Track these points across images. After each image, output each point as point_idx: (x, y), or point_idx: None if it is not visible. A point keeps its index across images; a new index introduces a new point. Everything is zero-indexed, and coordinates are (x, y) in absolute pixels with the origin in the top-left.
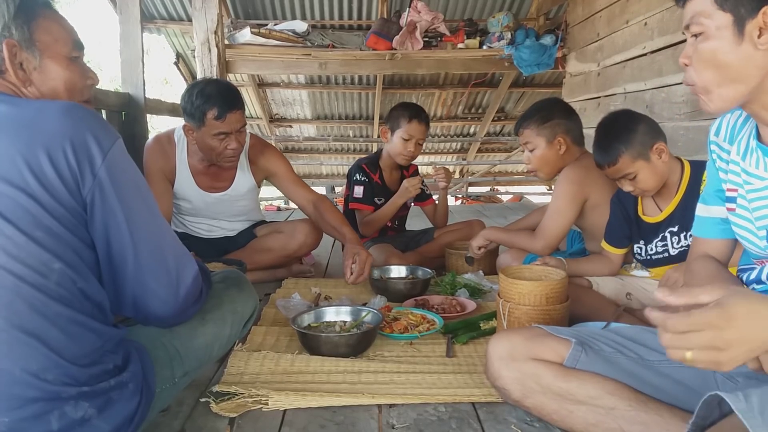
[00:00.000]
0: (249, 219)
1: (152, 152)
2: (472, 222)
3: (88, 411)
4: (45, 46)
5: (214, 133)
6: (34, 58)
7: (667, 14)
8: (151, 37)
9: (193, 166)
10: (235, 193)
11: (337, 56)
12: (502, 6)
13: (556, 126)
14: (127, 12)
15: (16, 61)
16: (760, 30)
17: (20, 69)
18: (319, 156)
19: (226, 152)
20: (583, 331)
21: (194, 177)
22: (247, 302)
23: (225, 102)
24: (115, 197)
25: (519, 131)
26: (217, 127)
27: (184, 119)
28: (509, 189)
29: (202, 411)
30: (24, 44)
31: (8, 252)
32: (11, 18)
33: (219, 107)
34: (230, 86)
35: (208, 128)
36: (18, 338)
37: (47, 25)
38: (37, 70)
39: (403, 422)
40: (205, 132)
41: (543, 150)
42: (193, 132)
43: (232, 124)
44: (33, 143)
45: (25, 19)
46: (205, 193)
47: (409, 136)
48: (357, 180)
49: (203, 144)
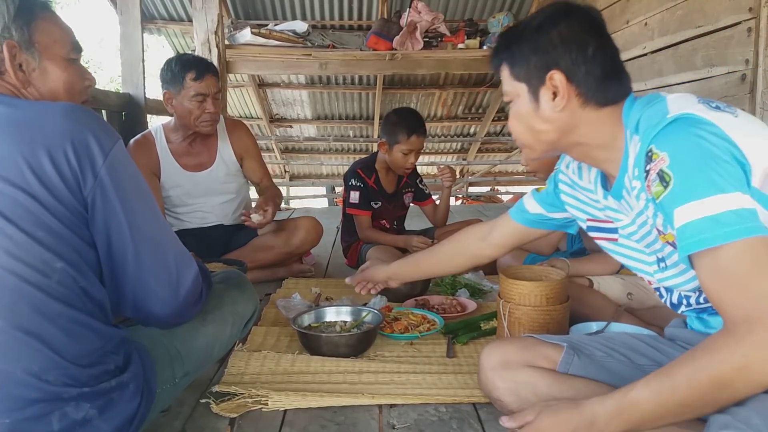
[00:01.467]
0: (240, 205)
1: (134, 152)
2: (472, 222)
3: (89, 412)
4: (44, 47)
5: (192, 95)
6: (34, 59)
7: (668, 14)
8: (149, 37)
9: (174, 151)
10: (221, 166)
11: (338, 56)
12: (503, 6)
13: None
14: (127, 12)
15: (16, 62)
16: (553, 94)
17: (20, 70)
18: (319, 156)
19: (203, 116)
20: (574, 337)
21: (177, 160)
22: (247, 302)
23: (201, 65)
24: (116, 198)
25: None
26: (195, 88)
27: (163, 89)
28: (509, 189)
29: (202, 411)
30: (24, 46)
31: (10, 252)
32: (11, 19)
33: (197, 69)
34: (203, 58)
35: (186, 90)
36: (19, 339)
37: (46, 27)
38: (36, 71)
39: (404, 422)
40: (184, 95)
41: None
42: (172, 99)
43: (209, 87)
44: (34, 143)
45: (25, 21)
46: (192, 173)
47: (410, 150)
48: (352, 185)
49: (182, 109)
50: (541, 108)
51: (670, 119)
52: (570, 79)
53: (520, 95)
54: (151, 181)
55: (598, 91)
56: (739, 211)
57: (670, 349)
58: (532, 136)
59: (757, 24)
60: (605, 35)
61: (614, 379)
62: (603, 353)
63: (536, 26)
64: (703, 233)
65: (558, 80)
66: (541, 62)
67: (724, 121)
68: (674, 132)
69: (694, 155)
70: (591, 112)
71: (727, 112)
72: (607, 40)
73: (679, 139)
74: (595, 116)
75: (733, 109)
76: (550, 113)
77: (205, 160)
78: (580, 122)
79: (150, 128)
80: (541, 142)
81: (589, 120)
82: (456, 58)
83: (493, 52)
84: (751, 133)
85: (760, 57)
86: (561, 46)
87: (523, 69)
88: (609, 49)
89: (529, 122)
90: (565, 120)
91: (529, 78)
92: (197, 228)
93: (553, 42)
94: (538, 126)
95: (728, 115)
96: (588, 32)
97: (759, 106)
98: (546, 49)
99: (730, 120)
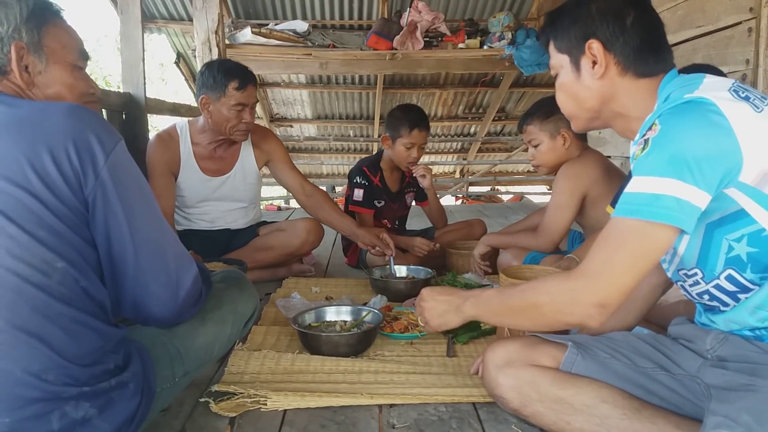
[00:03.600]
0: (250, 211)
1: (155, 148)
2: (473, 222)
3: (89, 411)
4: (52, 51)
5: (233, 104)
6: (41, 62)
7: (668, 14)
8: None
9: (197, 153)
10: (240, 173)
11: (338, 56)
12: (503, 6)
13: (559, 121)
14: (127, 12)
15: (22, 63)
16: (592, 63)
17: (25, 71)
18: (319, 156)
19: (240, 125)
20: (578, 337)
21: (199, 163)
22: (247, 302)
23: (245, 75)
24: (117, 198)
25: (523, 128)
26: (237, 97)
27: (201, 93)
28: (510, 189)
29: (202, 411)
30: (32, 48)
31: (11, 252)
32: (23, 21)
33: (240, 79)
34: (245, 66)
35: (227, 98)
36: (19, 338)
37: (56, 33)
38: (42, 74)
39: (404, 422)
40: (224, 102)
41: (547, 144)
42: (209, 105)
43: (250, 97)
44: (36, 142)
45: (36, 24)
46: (210, 177)
47: (412, 144)
48: (357, 183)
49: (219, 116)
50: (582, 76)
51: (686, 99)
52: (608, 48)
53: (564, 66)
54: (167, 180)
55: (636, 61)
56: (679, 200)
57: (673, 348)
58: (575, 104)
59: (757, 24)
60: (647, 8)
61: (617, 380)
62: (607, 354)
63: (577, 1)
64: (631, 203)
65: (596, 49)
66: (580, 33)
67: (739, 113)
68: (680, 112)
69: (679, 136)
70: (629, 82)
71: (752, 104)
72: (649, 12)
73: (678, 119)
74: (634, 86)
75: (764, 101)
76: (590, 81)
77: (225, 166)
78: (619, 91)
79: (176, 124)
80: (584, 110)
81: (628, 90)
82: (456, 57)
83: (540, 30)
84: (763, 130)
85: (760, 57)
86: (599, 17)
87: (564, 41)
88: (650, 21)
89: (572, 91)
90: (605, 88)
91: (570, 49)
92: (203, 230)
93: (592, 14)
94: (580, 94)
95: (750, 107)
96: (628, 2)
97: None
98: (585, 20)
99: (748, 112)
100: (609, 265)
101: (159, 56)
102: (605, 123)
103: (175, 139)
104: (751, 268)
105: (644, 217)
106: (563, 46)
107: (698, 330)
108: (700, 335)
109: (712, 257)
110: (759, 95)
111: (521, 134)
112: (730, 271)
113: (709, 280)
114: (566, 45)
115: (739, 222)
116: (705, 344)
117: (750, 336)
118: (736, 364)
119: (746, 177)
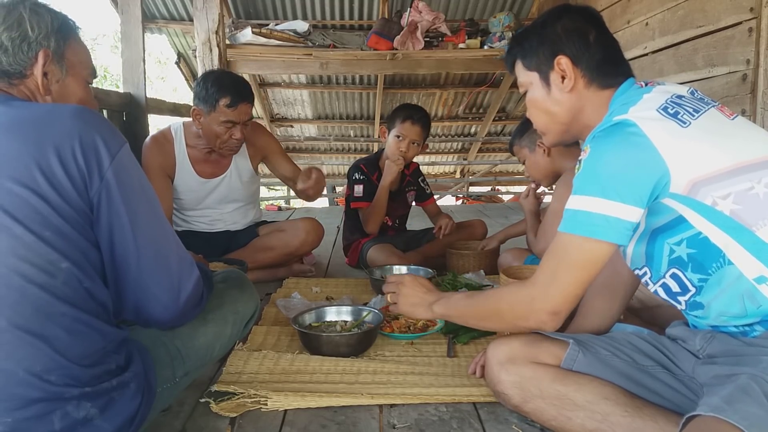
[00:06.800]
0: (249, 211)
1: (150, 150)
2: (473, 222)
3: (90, 411)
4: (71, 64)
5: (222, 120)
6: (60, 72)
7: (669, 14)
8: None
9: (192, 156)
10: (235, 173)
11: (338, 56)
12: (504, 6)
13: (533, 134)
14: (128, 12)
15: (44, 69)
16: (561, 77)
17: (44, 78)
18: (320, 156)
19: (229, 142)
20: (580, 335)
21: (194, 166)
22: (248, 302)
23: (238, 92)
24: (120, 200)
25: (511, 152)
26: (227, 115)
27: (193, 103)
28: (510, 189)
29: (203, 411)
30: (56, 57)
31: (17, 253)
32: (53, 31)
33: (232, 96)
34: (244, 80)
35: (217, 114)
36: (22, 339)
37: (76, 48)
38: (59, 83)
39: (404, 422)
40: (213, 118)
41: (530, 159)
42: (200, 117)
43: (241, 115)
44: (43, 143)
45: (63, 36)
46: (206, 180)
47: (401, 134)
48: (356, 179)
49: (209, 130)
50: (552, 91)
51: (613, 122)
52: (575, 62)
53: (533, 83)
54: (164, 182)
55: (600, 74)
56: (607, 217)
57: (672, 348)
58: (547, 119)
59: (758, 24)
60: (603, 26)
61: (617, 378)
62: (608, 352)
63: (542, 23)
64: (568, 220)
65: (565, 64)
66: (549, 51)
67: (661, 131)
68: (605, 135)
69: (604, 158)
70: (593, 94)
71: (679, 120)
72: (606, 29)
73: (603, 141)
74: (597, 98)
75: (694, 116)
76: (560, 95)
77: (220, 168)
78: (586, 103)
79: (171, 126)
80: (556, 124)
81: (593, 101)
82: (457, 58)
83: (506, 53)
84: (687, 145)
85: (761, 57)
86: (565, 35)
87: (534, 59)
88: (609, 38)
89: (543, 106)
90: (574, 101)
91: (539, 65)
92: (204, 231)
93: (558, 33)
94: (551, 108)
95: (676, 124)
96: (588, 22)
97: (760, 106)
98: (552, 39)
99: (672, 129)
100: (556, 276)
101: (156, 54)
102: (575, 135)
103: (169, 141)
104: (692, 268)
105: (580, 232)
106: (532, 64)
107: (688, 331)
108: (691, 336)
109: (656, 259)
110: (690, 109)
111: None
112: (675, 270)
113: (656, 279)
114: (535, 62)
115: (679, 227)
116: (695, 344)
117: (736, 332)
118: (724, 358)
119: (677, 188)
